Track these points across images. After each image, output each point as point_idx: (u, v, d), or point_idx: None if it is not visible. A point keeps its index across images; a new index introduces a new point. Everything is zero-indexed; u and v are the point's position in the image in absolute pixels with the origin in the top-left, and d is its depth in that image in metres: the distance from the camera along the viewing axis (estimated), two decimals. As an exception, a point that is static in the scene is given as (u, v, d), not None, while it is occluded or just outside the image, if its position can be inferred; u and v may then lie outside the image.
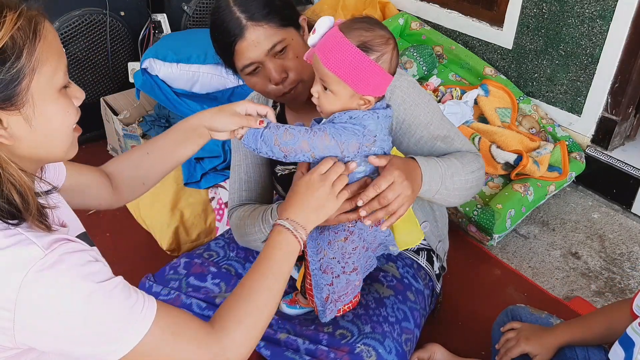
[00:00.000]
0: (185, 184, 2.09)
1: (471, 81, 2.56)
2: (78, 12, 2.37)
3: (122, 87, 2.63)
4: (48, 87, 0.77)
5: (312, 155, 1.02)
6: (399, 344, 1.20)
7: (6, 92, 0.72)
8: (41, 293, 0.73)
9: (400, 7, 2.87)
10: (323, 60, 0.99)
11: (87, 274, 0.77)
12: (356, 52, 0.97)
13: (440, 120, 1.26)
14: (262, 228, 1.22)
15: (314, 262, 1.15)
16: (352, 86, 1.00)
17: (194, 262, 1.39)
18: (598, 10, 2.09)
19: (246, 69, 1.19)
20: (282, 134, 1.01)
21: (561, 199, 2.26)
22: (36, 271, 0.73)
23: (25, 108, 0.75)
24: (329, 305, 1.17)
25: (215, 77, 2.21)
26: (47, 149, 0.81)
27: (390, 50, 1.01)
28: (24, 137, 0.77)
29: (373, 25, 1.01)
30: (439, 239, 1.46)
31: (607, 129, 2.23)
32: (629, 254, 1.98)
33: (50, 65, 0.76)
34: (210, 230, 2.01)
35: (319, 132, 1.01)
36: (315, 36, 1.01)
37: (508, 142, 2.20)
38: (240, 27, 1.14)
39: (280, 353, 1.16)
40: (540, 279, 1.87)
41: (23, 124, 0.75)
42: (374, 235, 1.16)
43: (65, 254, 0.76)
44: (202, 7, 2.69)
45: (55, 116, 0.79)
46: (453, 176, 1.19)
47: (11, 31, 0.71)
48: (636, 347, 1.01)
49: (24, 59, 0.72)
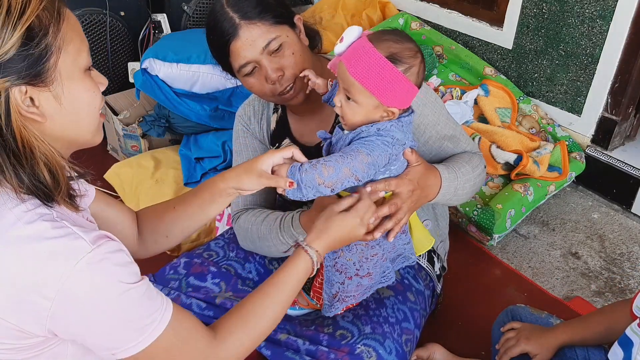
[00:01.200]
0: (185, 184, 2.09)
1: (471, 81, 2.56)
2: (78, 12, 2.37)
3: (122, 87, 2.63)
4: (74, 66, 0.80)
5: (355, 178, 1.00)
6: (399, 344, 1.20)
7: (36, 68, 0.75)
8: (85, 285, 0.76)
9: (400, 7, 2.87)
10: (350, 69, 0.98)
11: (126, 274, 0.80)
12: (385, 62, 0.96)
13: (446, 120, 1.27)
14: (281, 237, 1.23)
15: (329, 260, 1.14)
16: (378, 97, 0.99)
17: (194, 261, 1.39)
18: (598, 10, 2.09)
19: (242, 69, 1.19)
20: (322, 171, 0.98)
21: (561, 199, 2.26)
22: (85, 263, 0.75)
23: (55, 85, 0.78)
24: (336, 303, 1.17)
25: (215, 77, 2.21)
26: (76, 129, 0.84)
27: (418, 64, 1.01)
28: (54, 115, 0.80)
29: (402, 38, 1.01)
30: (441, 238, 1.46)
31: (607, 129, 2.23)
32: (629, 254, 1.98)
33: (74, 45, 0.80)
34: (210, 230, 2.01)
35: (355, 154, 1.00)
36: (342, 45, 1.00)
37: (508, 142, 2.20)
38: (234, 26, 1.14)
39: (280, 353, 1.16)
40: (540, 279, 1.87)
41: (53, 101, 0.79)
42: (392, 244, 1.14)
43: (110, 253, 0.79)
44: (202, 7, 2.69)
45: (83, 95, 0.82)
46: (465, 183, 1.21)
47: (37, 10, 0.74)
48: (635, 347, 1.01)
49: (50, 36, 0.76)
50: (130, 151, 2.39)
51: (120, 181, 2.14)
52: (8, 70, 0.73)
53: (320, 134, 1.14)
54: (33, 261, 0.75)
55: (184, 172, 2.13)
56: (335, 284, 1.15)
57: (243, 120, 1.40)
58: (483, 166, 1.28)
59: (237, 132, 1.41)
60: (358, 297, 1.19)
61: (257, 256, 1.43)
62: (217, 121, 2.23)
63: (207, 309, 1.29)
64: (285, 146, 1.11)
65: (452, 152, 1.28)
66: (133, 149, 2.39)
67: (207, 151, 2.16)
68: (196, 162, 2.17)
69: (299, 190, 1.00)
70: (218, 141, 2.16)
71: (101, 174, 2.21)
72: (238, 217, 1.36)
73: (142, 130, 2.34)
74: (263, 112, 1.39)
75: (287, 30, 1.18)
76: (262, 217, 1.29)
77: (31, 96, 0.77)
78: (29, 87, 0.76)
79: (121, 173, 2.15)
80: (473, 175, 1.23)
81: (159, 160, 2.19)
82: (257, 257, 1.43)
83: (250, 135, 1.39)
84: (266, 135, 1.39)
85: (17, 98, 0.75)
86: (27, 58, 0.74)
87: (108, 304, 0.78)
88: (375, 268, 1.14)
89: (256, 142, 1.39)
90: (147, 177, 2.10)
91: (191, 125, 2.28)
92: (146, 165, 2.15)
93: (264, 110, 1.39)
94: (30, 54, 0.74)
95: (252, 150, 1.39)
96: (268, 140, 1.39)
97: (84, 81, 0.82)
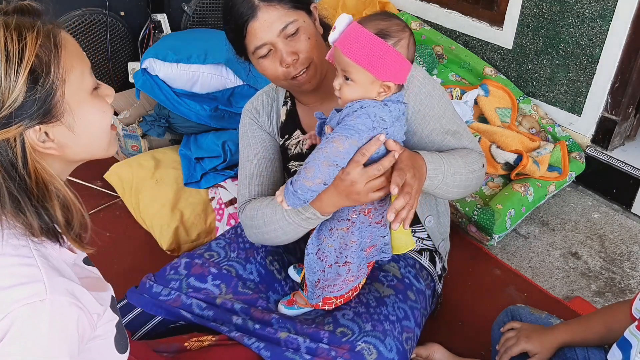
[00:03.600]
0: (185, 184, 2.09)
1: (471, 81, 2.56)
2: (78, 12, 2.37)
3: (122, 87, 2.63)
4: (80, 91, 0.82)
5: (336, 166, 1.05)
6: (399, 342, 1.21)
7: (45, 108, 0.77)
8: (19, 326, 0.74)
9: (400, 7, 2.87)
10: (344, 50, 1.02)
11: (55, 347, 0.76)
12: (374, 38, 1.01)
13: (452, 115, 1.27)
14: (287, 217, 1.18)
15: (313, 247, 1.18)
16: (372, 71, 1.02)
17: (195, 262, 1.39)
18: (598, 10, 2.09)
19: (258, 50, 1.19)
20: (305, 175, 1.04)
21: (561, 199, 2.26)
22: (29, 305, 0.74)
23: (66, 117, 0.80)
24: (317, 290, 1.22)
25: (215, 77, 2.21)
26: (92, 150, 0.87)
27: (407, 37, 1.05)
28: (70, 143, 0.82)
29: (389, 17, 1.06)
30: (442, 237, 1.46)
31: (607, 129, 2.23)
32: (629, 254, 1.98)
33: (76, 71, 0.81)
34: (210, 230, 2.01)
35: (328, 144, 1.04)
36: (335, 32, 1.04)
37: (508, 142, 2.20)
38: (252, 7, 1.15)
39: (280, 353, 1.16)
40: (540, 279, 1.87)
41: (67, 132, 0.81)
42: (370, 232, 1.17)
43: (58, 312, 0.76)
44: (202, 7, 2.69)
45: (94, 117, 0.84)
46: (454, 174, 1.20)
47: (35, 50, 0.75)
48: (633, 349, 1.01)
49: (53, 72, 0.77)
50: (130, 151, 2.39)
51: (120, 181, 2.14)
52: (20, 117, 0.75)
53: (317, 114, 1.16)
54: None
55: (184, 172, 2.13)
56: (316, 271, 1.19)
57: (251, 113, 1.39)
58: (481, 164, 1.27)
59: (244, 126, 1.40)
60: (337, 291, 1.22)
61: (258, 257, 1.43)
62: (217, 121, 2.23)
63: (208, 309, 1.29)
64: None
65: (453, 148, 1.27)
66: (133, 149, 2.39)
67: (207, 151, 2.16)
68: (196, 162, 2.17)
69: (297, 199, 1.07)
70: (218, 141, 2.16)
71: (101, 174, 2.21)
72: (244, 208, 1.33)
73: (142, 130, 2.34)
74: (272, 105, 1.39)
75: (304, 15, 1.20)
76: (267, 202, 1.26)
77: (45, 131, 0.79)
78: (42, 125, 0.78)
79: (121, 173, 2.15)
80: (466, 170, 1.22)
81: (159, 160, 2.19)
82: (258, 258, 1.43)
83: (258, 128, 1.39)
84: (275, 128, 1.38)
85: (32, 138, 0.77)
86: (35, 101, 0.75)
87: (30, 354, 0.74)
88: (353, 257, 1.17)
89: (264, 134, 1.39)
90: (147, 177, 2.10)
91: (191, 125, 2.28)
92: (146, 165, 2.15)
93: (273, 103, 1.39)
94: (38, 96, 0.75)
95: (261, 141, 1.38)
96: (277, 133, 1.39)
97: (92, 103, 0.84)
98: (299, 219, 1.16)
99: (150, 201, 2.02)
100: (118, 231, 2.11)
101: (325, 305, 1.25)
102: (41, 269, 0.77)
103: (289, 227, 1.19)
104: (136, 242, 2.06)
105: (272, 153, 1.38)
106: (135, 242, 2.06)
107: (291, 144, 1.36)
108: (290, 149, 1.36)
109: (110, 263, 1.95)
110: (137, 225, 2.10)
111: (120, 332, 0.93)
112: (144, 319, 1.31)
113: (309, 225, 1.18)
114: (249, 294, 1.35)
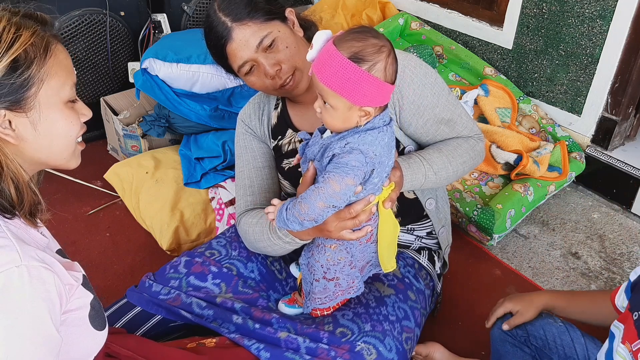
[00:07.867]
0: (185, 184, 2.09)
1: (471, 81, 2.56)
2: (78, 12, 2.37)
3: (122, 87, 2.63)
4: (55, 97, 0.88)
5: (332, 207, 1.04)
6: (399, 342, 1.21)
7: (16, 96, 0.84)
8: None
9: (400, 7, 2.87)
10: (318, 75, 0.99)
11: (36, 308, 0.81)
12: (347, 63, 0.95)
13: (446, 101, 1.28)
14: (272, 237, 1.25)
15: (304, 258, 1.21)
16: (348, 98, 0.98)
17: (195, 260, 1.39)
18: (598, 10, 2.09)
19: (241, 69, 1.23)
20: (299, 209, 1.04)
21: (561, 199, 2.26)
22: (5, 272, 0.78)
23: (32, 112, 0.86)
24: (308, 301, 1.24)
25: (215, 77, 2.21)
26: (48, 154, 0.92)
27: (383, 59, 0.98)
28: (29, 139, 0.88)
29: (365, 35, 0.99)
30: (442, 223, 1.46)
31: (607, 129, 2.23)
32: (629, 254, 1.98)
33: (58, 79, 0.88)
34: (210, 230, 2.01)
35: (325, 185, 1.02)
36: (313, 51, 1.01)
37: (508, 142, 2.20)
38: (227, 29, 1.19)
39: (280, 354, 1.17)
40: (540, 279, 1.87)
41: (29, 127, 0.87)
42: (362, 251, 1.19)
43: (36, 276, 0.81)
44: (202, 7, 2.69)
45: (59, 123, 0.90)
46: (438, 172, 1.25)
47: (24, 46, 0.83)
48: (615, 339, 1.04)
49: (34, 69, 0.84)
50: (130, 151, 2.39)
51: (120, 181, 2.14)
52: None
53: (301, 134, 1.18)
54: None
55: (184, 172, 2.13)
56: (307, 282, 1.21)
57: (244, 121, 1.43)
58: (476, 151, 1.32)
59: (238, 135, 1.44)
60: (326, 303, 1.23)
61: (260, 256, 1.43)
62: (217, 121, 2.23)
63: (207, 308, 1.29)
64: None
65: (447, 137, 1.31)
66: (133, 149, 2.39)
67: (207, 151, 2.16)
68: (196, 162, 2.17)
69: (285, 224, 1.07)
70: (218, 141, 2.16)
71: (101, 174, 2.21)
72: (240, 220, 1.39)
73: (142, 130, 2.34)
74: (264, 109, 1.41)
75: (278, 25, 1.21)
76: (256, 220, 1.32)
77: (9, 119, 0.85)
78: (7, 111, 0.84)
79: (121, 173, 2.15)
80: (452, 164, 1.27)
81: (159, 160, 2.19)
82: (259, 257, 1.43)
83: (250, 137, 1.41)
84: (267, 131, 1.40)
85: None
86: (8, 86, 0.83)
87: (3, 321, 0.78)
88: (342, 273, 1.18)
89: (255, 142, 1.41)
90: (147, 177, 2.10)
91: (191, 125, 2.28)
92: (146, 165, 2.15)
93: (264, 106, 1.41)
94: (12, 82, 0.83)
95: (251, 152, 1.41)
96: (269, 135, 1.40)
97: (63, 112, 0.90)
98: (282, 242, 1.23)
99: (150, 201, 2.02)
100: (118, 231, 2.11)
101: (317, 311, 1.27)
102: (13, 240, 0.82)
103: (275, 246, 1.26)
104: (136, 242, 2.06)
105: (262, 162, 1.41)
106: (135, 242, 2.06)
107: (284, 143, 1.38)
108: (284, 147, 1.38)
109: (110, 263, 1.95)
110: (137, 225, 2.10)
111: (95, 309, 0.96)
112: (143, 318, 1.31)
113: (292, 247, 1.24)
114: (250, 293, 1.35)
